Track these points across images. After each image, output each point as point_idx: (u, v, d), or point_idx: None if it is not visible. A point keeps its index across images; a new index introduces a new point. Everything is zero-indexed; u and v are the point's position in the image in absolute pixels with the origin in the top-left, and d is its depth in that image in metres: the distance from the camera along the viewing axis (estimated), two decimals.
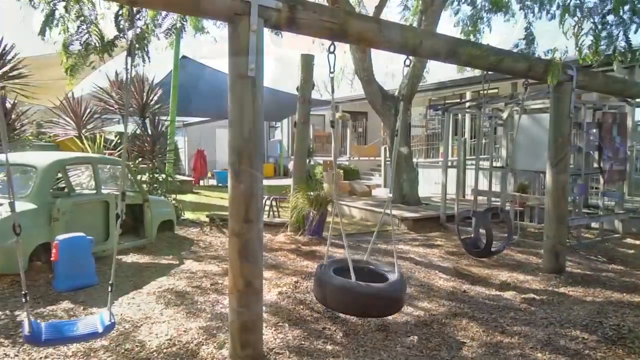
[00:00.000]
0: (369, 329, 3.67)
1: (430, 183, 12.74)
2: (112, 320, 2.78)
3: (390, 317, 3.86)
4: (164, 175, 9.05)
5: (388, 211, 3.97)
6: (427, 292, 4.70)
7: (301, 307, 4.12)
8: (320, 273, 3.50)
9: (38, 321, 2.81)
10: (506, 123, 8.24)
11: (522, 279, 5.22)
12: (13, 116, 8.60)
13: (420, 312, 4.10)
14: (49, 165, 5.38)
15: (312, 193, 7.09)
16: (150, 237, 6.52)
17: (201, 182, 16.59)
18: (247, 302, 3.08)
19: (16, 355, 3.11)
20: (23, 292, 2.60)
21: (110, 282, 2.84)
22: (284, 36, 7.59)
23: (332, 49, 3.27)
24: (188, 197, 11.90)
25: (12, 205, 2.54)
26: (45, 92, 9.53)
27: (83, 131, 9.62)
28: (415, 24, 9.00)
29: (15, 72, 8.75)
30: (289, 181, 15.64)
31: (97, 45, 5.36)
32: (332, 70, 3.34)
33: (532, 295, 4.59)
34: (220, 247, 6.52)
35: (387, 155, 13.09)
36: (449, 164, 9.49)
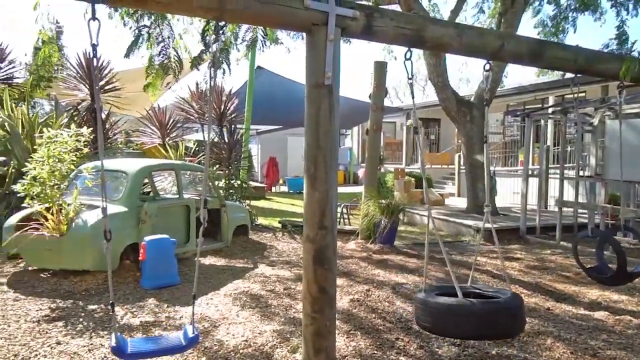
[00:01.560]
0: (444, 343, 3.56)
1: (508, 192, 12.14)
2: (196, 333, 2.72)
3: None
4: (239, 182, 9.45)
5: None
6: None
7: (373, 315, 4.10)
8: (424, 297, 3.20)
9: (124, 336, 2.80)
10: (596, 129, 7.66)
11: (616, 298, 4.80)
12: (107, 126, 9.42)
13: None
14: (138, 171, 5.82)
15: (383, 201, 7.05)
16: (226, 240, 6.81)
17: (273, 189, 17.08)
18: (320, 308, 3.12)
19: (109, 346, 3.38)
20: (110, 302, 2.60)
21: (193, 293, 2.92)
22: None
23: (408, 55, 3.25)
24: (260, 203, 12.32)
25: (104, 211, 2.63)
26: (133, 104, 10.35)
27: (166, 139, 10.30)
28: (492, 27, 8.69)
29: (109, 86, 9.60)
30: (358, 188, 15.67)
31: (175, 65, 5.72)
32: (410, 76, 3.31)
33: (628, 318, 4.20)
34: (292, 253, 6.66)
35: (462, 162, 12.67)
36: (530, 172, 8.99)
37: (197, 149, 10.96)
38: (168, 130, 10.43)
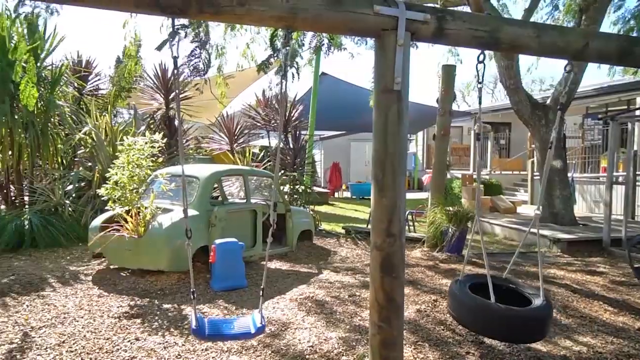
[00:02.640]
0: (518, 358, 3.38)
1: (588, 201, 11.34)
2: (263, 323, 2.98)
3: (544, 349, 3.51)
4: (303, 187, 9.58)
5: (534, 230, 3.60)
6: (589, 325, 4.16)
7: (441, 327, 3.97)
8: (455, 288, 3.36)
9: (202, 316, 3.16)
10: None
11: None
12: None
13: (581, 348, 3.64)
14: (209, 177, 6.07)
15: (451, 208, 6.84)
16: (291, 245, 6.92)
17: (335, 194, 17.15)
18: (387, 317, 3.07)
19: (183, 345, 3.54)
20: (191, 290, 2.96)
21: (262, 286, 3.07)
22: None
23: (481, 58, 3.15)
24: (324, 209, 12.41)
25: (185, 212, 2.90)
26: (203, 111, 10.85)
27: (234, 146, 10.69)
28: (568, 25, 8.20)
29: (182, 95, 10.14)
30: (422, 195, 15.33)
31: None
32: (480, 80, 3.21)
33: None
34: (356, 260, 6.64)
35: (535, 168, 12.01)
36: (614, 179, 8.33)
37: (262, 155, 11.27)
38: (236, 137, 10.82)
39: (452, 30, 3.03)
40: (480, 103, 3.36)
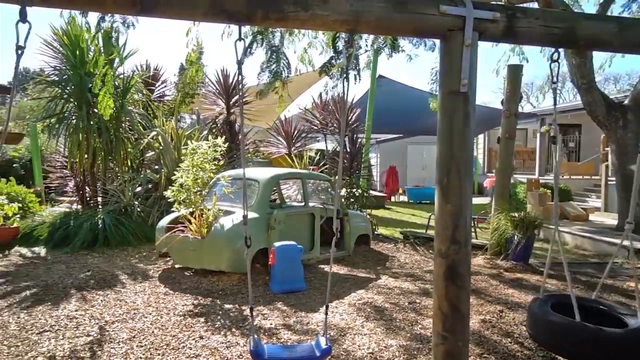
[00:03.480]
0: None
1: None
2: (328, 345, 2.80)
3: None
4: (360, 191, 9.54)
5: (619, 241, 3.34)
6: None
7: (508, 340, 3.79)
8: (535, 307, 3.17)
9: (262, 341, 3.04)
10: None
11: None
12: (239, 137, 10.22)
13: None
14: (268, 180, 6.19)
15: (516, 214, 6.53)
16: (348, 249, 6.89)
17: (392, 198, 16.92)
18: (452, 327, 2.97)
19: (244, 346, 3.62)
20: (250, 306, 2.86)
21: (325, 304, 2.94)
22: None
23: (555, 57, 2.98)
24: (380, 213, 12.28)
25: (245, 218, 2.82)
26: (262, 116, 11.09)
27: (292, 149, 10.84)
28: None
29: (242, 100, 10.40)
30: (483, 200, 14.78)
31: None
32: (555, 80, 3.05)
33: None
34: (415, 266, 6.50)
35: (610, 173, 11.23)
36: None
37: (319, 158, 11.35)
38: (293, 140, 10.97)
39: (524, 28, 2.89)
40: (555, 104, 3.19)
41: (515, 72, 6.66)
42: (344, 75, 2.97)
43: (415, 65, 19.93)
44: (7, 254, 6.54)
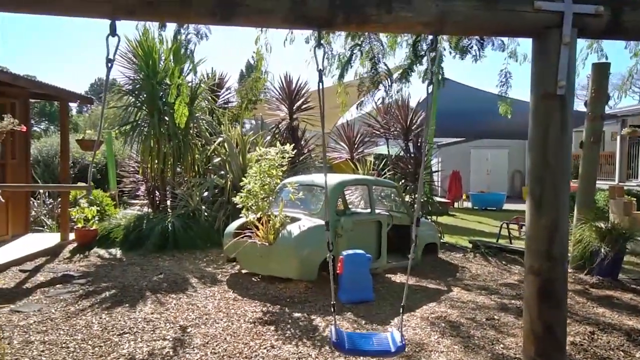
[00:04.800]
0: None
1: None
2: (403, 342, 2.84)
3: None
4: (425, 197, 9.25)
5: None
6: None
7: None
8: None
9: (341, 330, 3.12)
10: None
11: None
12: (302, 142, 10.26)
13: None
14: (336, 186, 6.10)
15: (602, 225, 6.02)
16: (416, 259, 6.65)
17: (455, 204, 16.37)
18: (546, 351, 2.74)
19: (316, 357, 3.54)
20: (332, 302, 3.00)
21: (402, 304, 2.93)
22: None
23: None
24: (444, 219, 11.87)
25: (327, 224, 2.90)
26: (325, 119, 11.03)
27: (354, 154, 10.73)
28: None
29: (305, 105, 10.47)
30: None
31: (386, 79, 5.86)
32: None
33: None
34: (489, 278, 6.16)
35: None
36: None
37: (382, 163, 11.12)
38: (355, 146, 10.85)
39: (632, 22, 2.62)
40: None
41: (601, 71, 6.15)
42: (429, 80, 2.82)
43: (464, 65, 19.15)
44: (87, 254, 6.92)
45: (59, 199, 8.43)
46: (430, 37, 2.80)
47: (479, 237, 8.80)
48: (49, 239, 7.59)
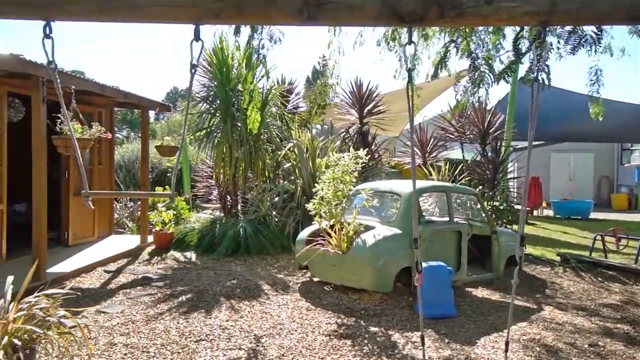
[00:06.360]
0: None
1: None
2: None
3: None
4: (504, 205, 8.67)
5: None
6: None
7: None
8: None
9: None
10: None
11: None
12: (373, 147, 10.03)
13: None
14: (411, 193, 5.82)
15: None
16: (497, 271, 6.21)
17: (534, 212, 15.36)
18: None
19: None
20: (420, 335, 2.83)
21: (506, 341, 2.59)
22: None
23: None
24: (524, 229, 11.10)
25: (415, 242, 2.71)
26: (393, 124, 10.78)
27: (427, 159, 10.33)
28: None
29: (375, 109, 10.25)
30: None
31: (488, 77, 5.55)
32: None
33: None
34: (585, 296, 5.58)
35: None
36: None
37: (453, 168, 10.60)
38: (428, 150, 10.46)
39: None
40: None
41: None
42: (533, 79, 2.53)
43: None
44: (164, 257, 7.14)
45: (139, 203, 8.85)
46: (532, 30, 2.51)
47: (566, 250, 8.10)
48: (130, 240, 7.96)
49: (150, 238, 7.86)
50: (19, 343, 2.80)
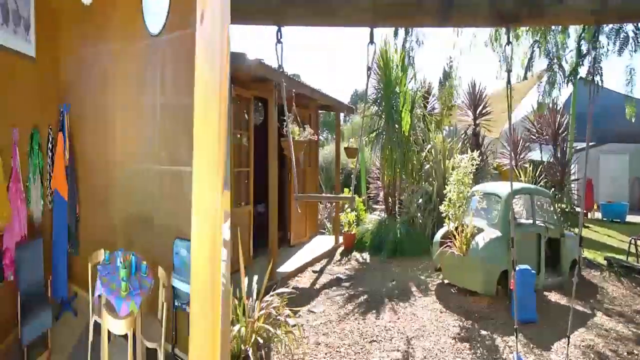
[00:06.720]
0: None
1: None
2: None
3: None
4: (569, 207, 9.60)
5: None
6: None
7: None
8: None
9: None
10: None
11: None
12: (482, 149, 10.82)
13: None
14: (510, 195, 5.08)
15: None
16: (565, 275, 6.72)
17: (588, 215, 15.56)
18: None
19: None
20: (515, 327, 3.12)
21: (567, 334, 2.98)
22: None
23: None
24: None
25: (512, 241, 3.13)
26: (495, 124, 11.49)
27: (518, 160, 11.07)
28: None
29: (484, 110, 11.03)
30: None
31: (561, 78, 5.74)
32: None
33: None
34: (623, 302, 6.33)
35: None
36: None
37: (532, 170, 10.90)
38: (518, 151, 11.21)
39: None
40: None
41: None
42: (591, 78, 2.92)
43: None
44: (349, 258, 8.12)
45: (334, 204, 9.76)
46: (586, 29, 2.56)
47: (608, 253, 8.58)
48: (328, 241, 8.93)
49: (341, 239, 8.77)
50: (261, 341, 3.01)
